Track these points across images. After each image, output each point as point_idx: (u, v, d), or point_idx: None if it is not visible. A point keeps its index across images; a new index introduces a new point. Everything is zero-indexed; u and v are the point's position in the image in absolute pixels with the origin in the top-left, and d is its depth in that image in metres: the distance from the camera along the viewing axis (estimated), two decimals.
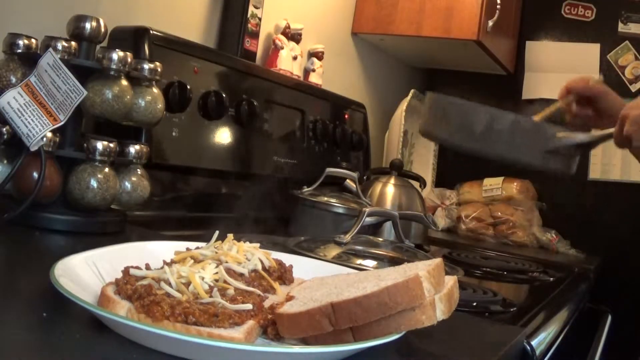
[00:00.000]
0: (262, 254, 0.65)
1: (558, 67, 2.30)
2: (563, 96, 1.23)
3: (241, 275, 0.60)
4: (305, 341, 0.52)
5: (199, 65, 1.20)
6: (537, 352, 0.78)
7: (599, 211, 2.15)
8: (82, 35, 0.88)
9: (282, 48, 1.54)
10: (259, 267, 0.63)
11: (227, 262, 0.60)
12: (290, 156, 1.46)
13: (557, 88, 2.48)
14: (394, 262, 0.94)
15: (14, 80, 0.85)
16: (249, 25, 1.41)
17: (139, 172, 0.96)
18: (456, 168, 2.28)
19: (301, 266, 0.71)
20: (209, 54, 1.25)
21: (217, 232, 0.66)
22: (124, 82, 0.89)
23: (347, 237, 0.99)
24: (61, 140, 0.86)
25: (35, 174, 0.82)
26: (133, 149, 0.95)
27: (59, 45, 0.85)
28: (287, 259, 0.72)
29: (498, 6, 1.89)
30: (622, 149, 1.05)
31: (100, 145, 0.87)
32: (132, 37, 1.10)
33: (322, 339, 0.51)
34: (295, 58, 1.58)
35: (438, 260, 0.58)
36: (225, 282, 0.57)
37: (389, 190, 1.53)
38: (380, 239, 1.07)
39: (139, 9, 1.22)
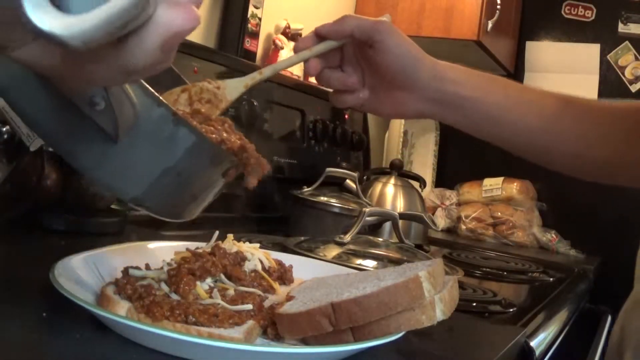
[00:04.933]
0: (262, 254, 0.65)
1: (558, 67, 2.30)
2: (308, 44, 0.73)
3: None
4: (305, 341, 0.52)
5: (199, 65, 1.20)
6: (537, 352, 0.78)
7: (599, 211, 2.15)
8: None
9: (282, 48, 1.54)
10: (259, 267, 0.63)
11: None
12: (290, 156, 1.46)
13: (557, 88, 2.47)
14: (394, 262, 0.94)
15: None
16: (249, 25, 1.41)
17: None
18: (456, 168, 2.28)
19: (301, 266, 0.71)
20: (209, 54, 1.24)
21: (217, 232, 0.66)
22: None
23: (347, 237, 0.99)
24: None
25: (35, 174, 0.82)
26: None
27: None
28: (287, 259, 0.72)
29: (498, 6, 1.89)
30: None
31: None
32: None
33: (322, 339, 0.51)
34: None
35: (438, 260, 0.58)
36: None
37: (389, 190, 1.53)
38: (380, 239, 1.07)
39: None
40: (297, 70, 1.60)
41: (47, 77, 0.34)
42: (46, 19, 0.24)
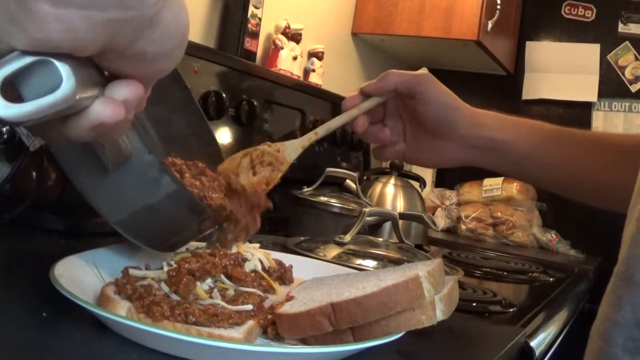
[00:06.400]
0: (262, 254, 0.65)
1: (558, 67, 2.29)
2: (356, 102, 0.81)
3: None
4: (305, 341, 0.53)
5: (199, 65, 1.20)
6: (537, 352, 0.78)
7: (599, 211, 2.14)
8: None
9: (282, 48, 1.54)
10: (259, 267, 0.63)
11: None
12: None
13: (557, 88, 2.48)
14: (394, 262, 0.94)
15: None
16: (249, 25, 1.41)
17: None
18: (456, 168, 2.28)
19: (301, 266, 0.72)
20: (209, 54, 1.24)
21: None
22: None
23: (347, 237, 0.99)
24: None
25: (35, 174, 0.82)
26: None
27: None
28: (287, 259, 0.72)
29: (498, 6, 1.89)
30: None
31: None
32: None
33: (322, 339, 0.51)
34: (295, 58, 1.58)
35: (438, 261, 0.58)
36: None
37: (389, 190, 1.53)
38: (380, 239, 1.07)
39: None
40: (297, 70, 1.60)
41: None
42: None
